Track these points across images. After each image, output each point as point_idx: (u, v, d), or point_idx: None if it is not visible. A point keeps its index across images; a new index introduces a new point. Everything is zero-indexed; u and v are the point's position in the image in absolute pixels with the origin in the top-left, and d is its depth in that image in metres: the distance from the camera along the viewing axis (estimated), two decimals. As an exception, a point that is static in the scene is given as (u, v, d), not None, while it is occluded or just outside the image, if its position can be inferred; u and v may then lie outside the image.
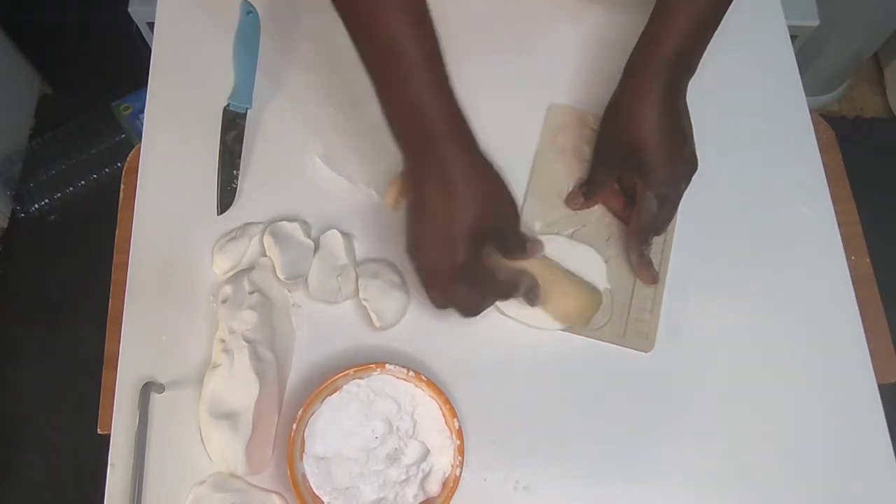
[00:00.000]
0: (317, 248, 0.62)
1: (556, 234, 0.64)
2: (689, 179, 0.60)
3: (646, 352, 0.61)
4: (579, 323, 0.61)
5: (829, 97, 1.71)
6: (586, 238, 0.64)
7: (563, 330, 0.61)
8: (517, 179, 0.67)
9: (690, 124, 0.59)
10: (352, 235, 0.64)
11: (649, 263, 0.62)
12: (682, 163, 0.59)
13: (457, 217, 0.52)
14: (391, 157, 0.67)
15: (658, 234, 0.62)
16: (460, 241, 0.52)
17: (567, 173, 0.67)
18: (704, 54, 0.61)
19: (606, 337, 0.61)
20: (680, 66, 0.58)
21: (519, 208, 0.57)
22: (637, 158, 0.58)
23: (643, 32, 0.60)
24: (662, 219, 0.61)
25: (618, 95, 0.61)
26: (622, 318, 0.62)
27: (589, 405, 0.60)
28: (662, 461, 0.58)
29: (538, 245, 0.59)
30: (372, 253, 0.64)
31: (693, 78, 0.60)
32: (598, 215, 0.65)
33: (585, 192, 0.64)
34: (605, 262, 0.63)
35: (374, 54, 0.51)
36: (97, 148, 1.59)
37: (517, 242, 0.58)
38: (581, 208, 0.65)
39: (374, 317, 0.59)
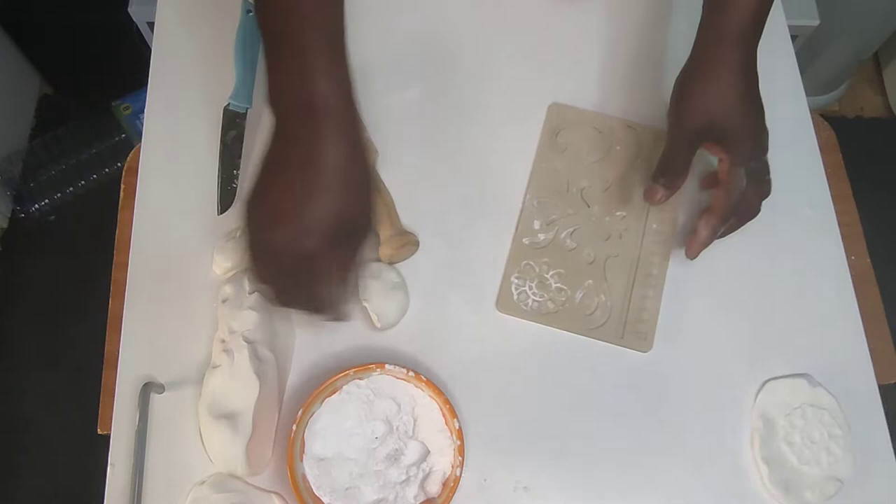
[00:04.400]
0: None
1: None
2: (766, 153, 0.57)
3: (644, 352, 0.61)
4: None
5: (829, 97, 1.71)
6: (585, 238, 0.64)
7: (562, 328, 0.61)
8: (517, 178, 0.67)
9: (759, 92, 0.57)
10: None
11: (707, 243, 0.59)
12: (764, 133, 0.56)
13: (320, 202, 0.46)
14: (391, 156, 0.67)
15: (746, 218, 0.59)
16: (313, 229, 0.46)
17: (567, 173, 0.67)
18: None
19: (605, 337, 0.61)
20: (755, 28, 0.55)
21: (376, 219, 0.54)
22: (720, 132, 0.56)
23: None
24: (752, 198, 0.58)
25: (693, 69, 0.57)
26: (621, 319, 0.62)
27: (589, 405, 0.60)
28: (662, 461, 0.58)
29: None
30: (372, 253, 0.64)
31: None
32: (597, 215, 0.65)
33: (666, 183, 0.59)
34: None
35: (270, 9, 0.47)
36: (97, 148, 1.59)
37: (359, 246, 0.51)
38: (663, 202, 0.60)
39: (374, 317, 0.59)
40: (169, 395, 0.58)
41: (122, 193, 0.74)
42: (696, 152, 0.59)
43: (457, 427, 0.55)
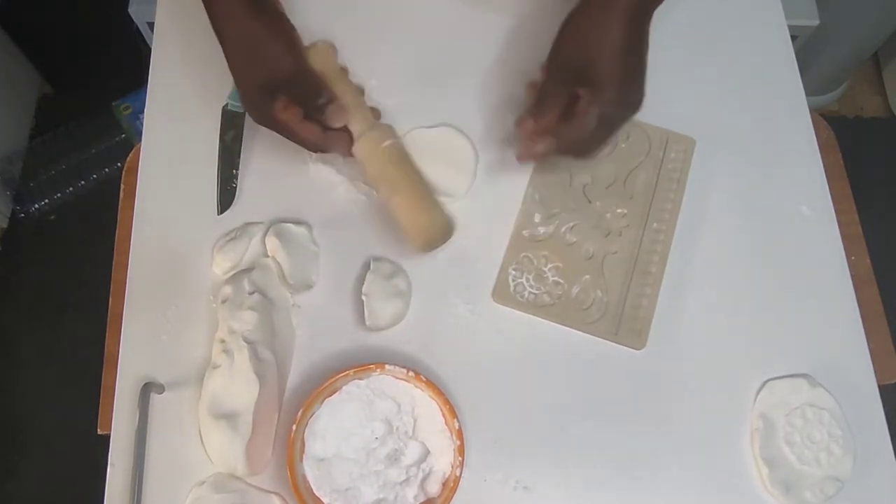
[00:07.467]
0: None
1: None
2: (633, 113, 0.58)
3: (638, 349, 0.61)
4: (417, 245, 0.60)
5: (829, 97, 1.71)
6: (584, 233, 0.64)
7: (557, 322, 0.61)
8: (519, 174, 0.67)
9: (647, 59, 0.58)
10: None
11: (538, 160, 0.62)
12: (634, 91, 0.57)
13: (237, 72, 0.58)
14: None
15: (580, 155, 0.60)
16: (249, 95, 0.58)
17: (570, 168, 0.67)
18: (704, 55, 0.61)
19: (599, 332, 0.61)
20: None
21: (304, 58, 0.58)
22: (591, 73, 0.56)
23: None
24: (593, 142, 0.59)
25: (581, 10, 0.58)
26: (616, 315, 0.62)
27: (589, 405, 0.60)
28: (662, 461, 0.58)
29: (338, 109, 0.59)
30: (387, 253, 0.64)
31: (692, 77, 0.59)
32: (598, 211, 0.65)
33: (535, 114, 0.59)
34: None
35: None
36: (97, 148, 1.59)
37: (309, 94, 0.58)
38: (531, 132, 0.59)
39: (366, 312, 0.59)
40: (169, 395, 0.58)
41: (122, 193, 0.74)
42: (567, 89, 0.58)
43: (457, 427, 0.55)
